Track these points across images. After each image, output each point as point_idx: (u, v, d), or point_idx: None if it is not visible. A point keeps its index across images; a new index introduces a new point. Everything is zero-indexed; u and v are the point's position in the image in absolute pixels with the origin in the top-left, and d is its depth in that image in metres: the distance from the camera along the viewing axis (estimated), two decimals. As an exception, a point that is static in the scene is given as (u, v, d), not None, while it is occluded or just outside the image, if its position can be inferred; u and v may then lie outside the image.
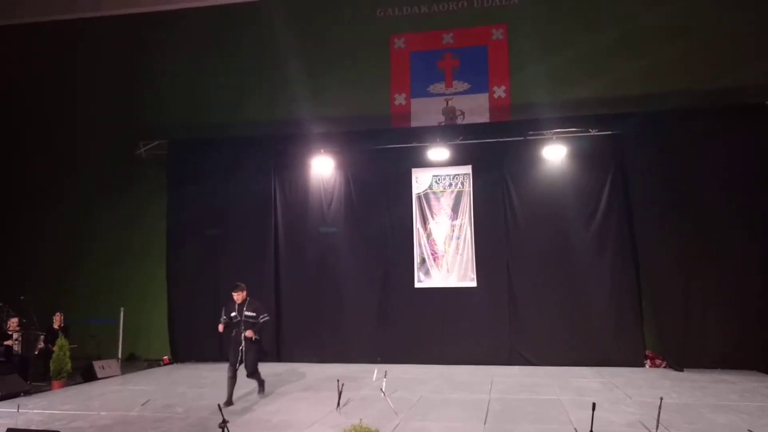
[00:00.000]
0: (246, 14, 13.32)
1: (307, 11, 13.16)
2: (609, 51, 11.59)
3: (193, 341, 11.89)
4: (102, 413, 7.47)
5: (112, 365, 10.58)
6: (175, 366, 11.67)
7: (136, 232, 12.96)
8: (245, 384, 9.27)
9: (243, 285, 8.32)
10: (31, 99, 13.95)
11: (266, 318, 8.43)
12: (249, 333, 8.03)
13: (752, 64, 10.86)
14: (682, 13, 11.44)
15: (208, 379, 9.90)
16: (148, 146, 12.63)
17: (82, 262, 13.07)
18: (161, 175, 12.59)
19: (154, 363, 11.90)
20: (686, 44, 11.24)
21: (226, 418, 5.43)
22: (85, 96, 13.69)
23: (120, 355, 11.76)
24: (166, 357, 12.01)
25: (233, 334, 8.17)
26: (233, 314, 8.18)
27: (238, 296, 8.20)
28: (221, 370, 10.69)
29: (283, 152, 12.28)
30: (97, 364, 10.26)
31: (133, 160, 12.73)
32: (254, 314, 8.22)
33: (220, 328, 8.24)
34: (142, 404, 7.72)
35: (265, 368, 10.71)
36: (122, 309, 11.99)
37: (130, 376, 10.50)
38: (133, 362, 12.13)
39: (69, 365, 9.54)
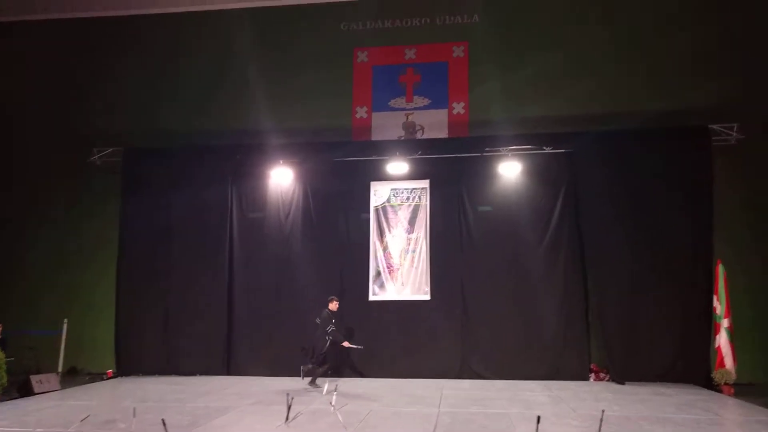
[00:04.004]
0: (207, 22, 13.20)
1: (270, 21, 13.12)
2: (560, 71, 11.93)
3: (140, 354, 11.61)
4: (38, 430, 7.17)
5: (51, 379, 10.10)
6: (119, 380, 11.32)
7: (83, 240, 12.58)
8: (194, 397, 9.16)
9: None
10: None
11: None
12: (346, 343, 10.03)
13: (695, 87, 11.36)
14: (627, 36, 11.87)
15: (153, 393, 9.65)
16: (103, 153, 12.36)
17: (21, 271, 12.62)
18: (114, 182, 12.30)
19: (97, 377, 11.49)
20: (631, 66, 11.70)
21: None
22: (37, 101, 13.29)
23: (60, 369, 11.27)
24: (110, 370, 11.64)
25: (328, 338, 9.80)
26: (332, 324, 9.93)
27: (334, 305, 10.18)
28: (168, 383, 10.61)
29: (241, 162, 12.18)
30: (34, 379, 9.76)
31: (86, 167, 12.43)
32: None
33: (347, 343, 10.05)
34: (82, 420, 7.44)
35: (214, 382, 10.68)
36: (66, 320, 11.59)
37: (70, 391, 10.08)
38: (74, 376, 11.62)
39: (5, 379, 9.12)
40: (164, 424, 6.75)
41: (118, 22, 13.41)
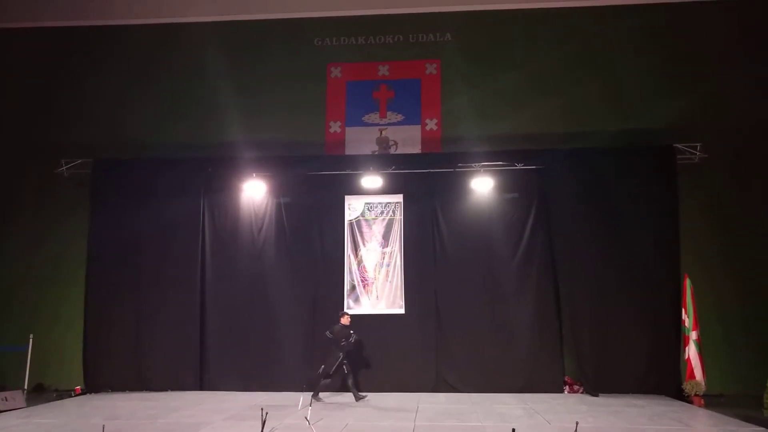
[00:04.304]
0: (179, 35, 13.09)
1: (243, 35, 13.09)
2: (530, 90, 12.19)
3: (109, 369, 11.29)
4: (2, 448, 6.93)
5: (16, 397, 9.79)
6: (88, 396, 10.99)
7: (49, 253, 12.25)
8: (166, 413, 8.95)
9: None
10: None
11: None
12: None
13: (661, 107, 11.73)
14: (594, 57, 12.19)
15: (123, 410, 9.39)
16: (71, 164, 12.10)
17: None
18: (82, 194, 12.04)
19: (65, 393, 11.14)
20: (599, 86, 11.99)
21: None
22: (2, 110, 12.97)
23: (26, 386, 10.94)
24: (78, 387, 11.31)
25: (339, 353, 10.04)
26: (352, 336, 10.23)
27: (346, 320, 10.44)
28: (139, 399, 10.39)
29: (213, 175, 12.06)
30: (-1, 396, 9.51)
31: (53, 178, 12.16)
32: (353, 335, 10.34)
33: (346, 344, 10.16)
34: (49, 437, 7.22)
35: (188, 397, 10.49)
36: (31, 336, 11.23)
37: (36, 409, 9.73)
38: (40, 393, 11.27)
39: (-32, 396, 8.80)
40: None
41: (88, 33, 13.20)
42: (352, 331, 10.26)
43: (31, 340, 11.20)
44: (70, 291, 11.85)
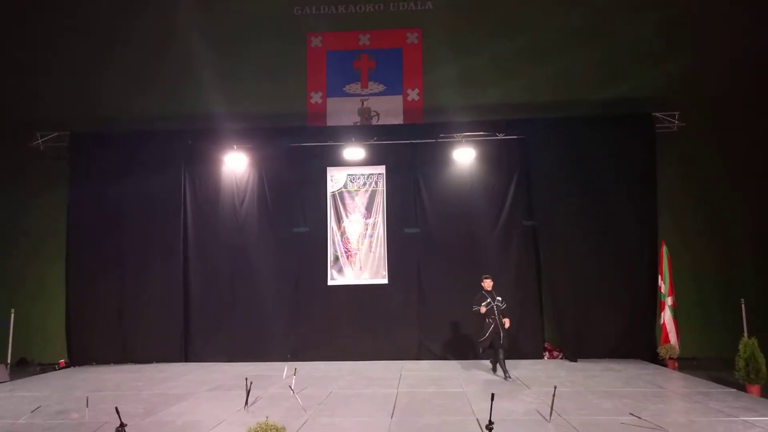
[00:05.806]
0: (156, 3, 12.75)
1: (222, 5, 12.80)
2: (513, 59, 12.11)
3: (93, 342, 11.32)
4: (-14, 422, 6.95)
5: (-1, 370, 9.86)
6: (72, 369, 11.02)
7: (29, 228, 12.12)
8: (151, 385, 9.01)
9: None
10: None
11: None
12: (507, 321, 9.19)
13: (641, 76, 11.74)
14: (575, 26, 12.08)
15: (109, 382, 9.45)
16: (47, 138, 11.86)
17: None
18: (60, 168, 11.86)
19: (49, 367, 11.17)
20: (580, 55, 11.94)
21: (125, 422, 5.22)
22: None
23: (9, 360, 10.92)
24: (62, 360, 11.32)
25: (488, 320, 9.25)
26: (489, 300, 9.33)
27: (488, 284, 9.48)
28: (124, 371, 10.43)
29: (193, 147, 11.95)
30: (-19, 370, 9.52)
31: (29, 152, 11.92)
32: (501, 299, 9.39)
33: (483, 309, 9.23)
34: (32, 411, 7.23)
35: (173, 369, 10.54)
36: (12, 310, 11.17)
37: (19, 382, 9.78)
38: (23, 367, 11.30)
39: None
40: (118, 412, 6.61)
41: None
42: (490, 299, 9.42)
43: (12, 315, 11.14)
44: (51, 265, 11.76)
